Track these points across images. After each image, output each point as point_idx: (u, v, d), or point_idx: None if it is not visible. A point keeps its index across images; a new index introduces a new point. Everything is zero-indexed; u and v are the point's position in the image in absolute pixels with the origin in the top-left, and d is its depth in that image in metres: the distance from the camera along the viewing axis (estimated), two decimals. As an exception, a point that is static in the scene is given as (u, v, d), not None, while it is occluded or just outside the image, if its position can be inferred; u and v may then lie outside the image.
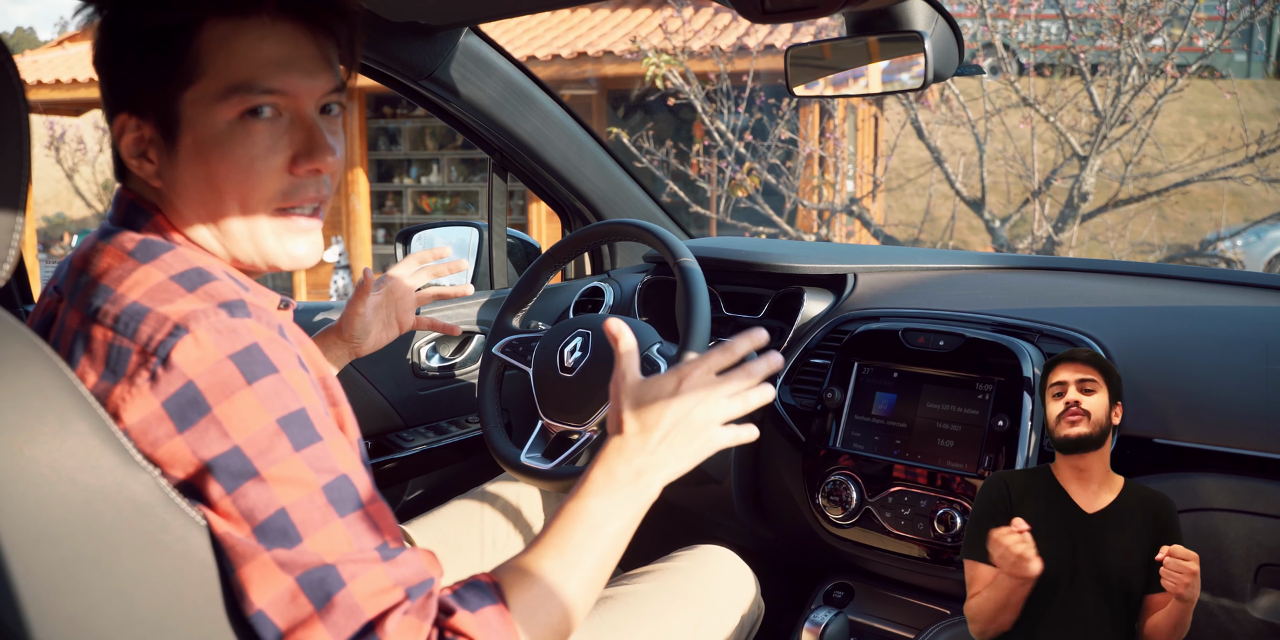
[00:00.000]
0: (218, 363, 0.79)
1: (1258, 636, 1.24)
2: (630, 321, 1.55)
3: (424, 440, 1.85)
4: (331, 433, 0.84)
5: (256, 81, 0.87)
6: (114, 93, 0.89)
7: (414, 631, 0.80)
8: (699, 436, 0.95)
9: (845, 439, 1.52)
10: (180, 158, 0.88)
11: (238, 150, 0.88)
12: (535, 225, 9.19)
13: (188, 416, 0.78)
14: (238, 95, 0.86)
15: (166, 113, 0.87)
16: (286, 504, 0.79)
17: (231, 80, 0.86)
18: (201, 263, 0.87)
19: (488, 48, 1.86)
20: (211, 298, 0.83)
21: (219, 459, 0.78)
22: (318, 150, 0.90)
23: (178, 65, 0.86)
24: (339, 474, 0.82)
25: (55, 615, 0.73)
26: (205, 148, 0.87)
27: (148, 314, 0.81)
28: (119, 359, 0.80)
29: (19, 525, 0.72)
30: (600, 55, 8.29)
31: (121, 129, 0.89)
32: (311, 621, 0.78)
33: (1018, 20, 5.87)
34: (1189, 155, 6.53)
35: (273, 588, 0.78)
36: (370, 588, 0.80)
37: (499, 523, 1.53)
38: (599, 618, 1.26)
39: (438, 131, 9.99)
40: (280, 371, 0.82)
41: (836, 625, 1.46)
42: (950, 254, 2.07)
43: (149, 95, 0.87)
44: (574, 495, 0.92)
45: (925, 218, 7.88)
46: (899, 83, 1.48)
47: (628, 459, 0.93)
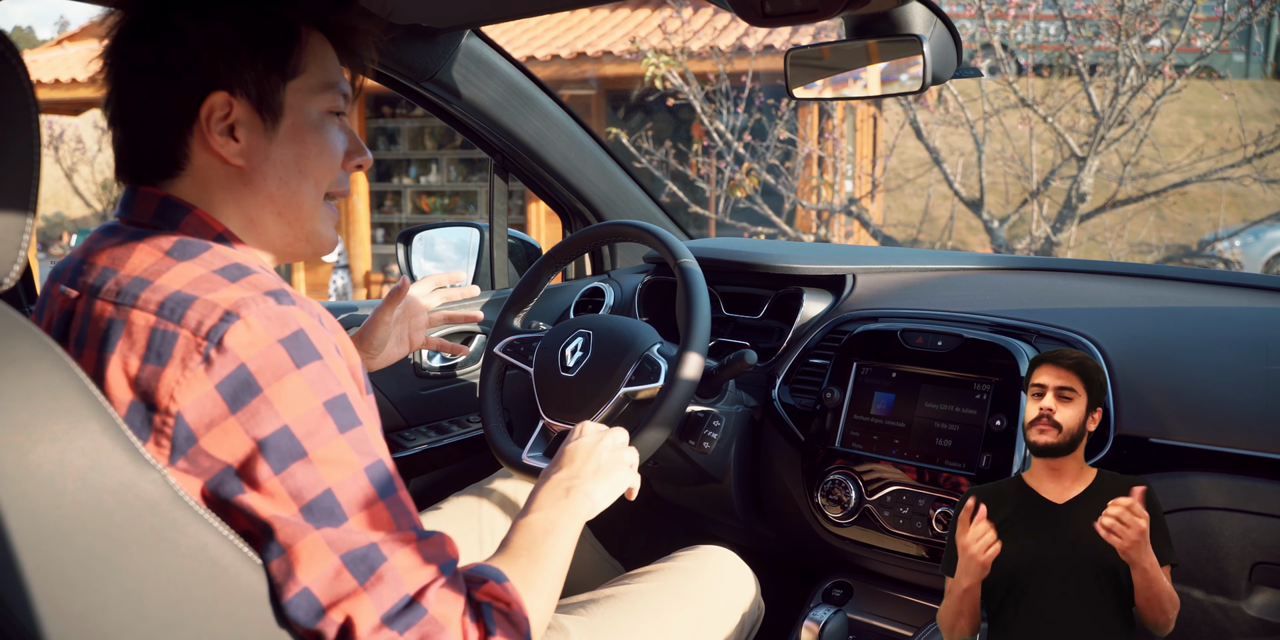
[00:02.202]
0: (269, 346, 0.83)
1: (1252, 634, 1.25)
2: (631, 322, 1.56)
3: (425, 439, 1.86)
4: (369, 418, 0.90)
5: (339, 83, 1.02)
6: (212, 73, 0.94)
7: (453, 602, 0.87)
8: (614, 471, 1.19)
9: (844, 438, 1.53)
10: (278, 139, 0.98)
11: (326, 138, 1.01)
12: (534, 225, 9.20)
13: (240, 397, 0.82)
14: (331, 92, 1.00)
15: (271, 98, 0.96)
16: (332, 484, 0.84)
17: (327, 79, 1.00)
18: (240, 259, 0.91)
19: (489, 50, 1.87)
20: (256, 287, 0.87)
21: (270, 438, 0.82)
22: (362, 150, 1.06)
23: (288, 59, 0.97)
24: (377, 458, 0.88)
25: (66, 612, 0.74)
26: (303, 132, 0.99)
27: (195, 301, 0.84)
28: (164, 342, 0.83)
29: (30, 523, 0.72)
30: (600, 56, 8.30)
31: (211, 108, 0.94)
32: (356, 594, 0.84)
33: (1016, 21, 5.87)
34: (1187, 156, 6.54)
35: (318, 566, 0.83)
36: (410, 563, 0.86)
37: (497, 519, 1.55)
38: (601, 617, 1.27)
39: (437, 131, 10.00)
40: (324, 358, 0.86)
41: (835, 623, 1.47)
42: (948, 255, 2.08)
43: (257, 80, 0.95)
44: (523, 511, 1.10)
45: (924, 218, 7.89)
46: (898, 85, 1.49)
47: (558, 480, 1.15)
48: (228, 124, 0.95)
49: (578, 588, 1.44)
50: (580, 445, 1.20)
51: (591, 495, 1.14)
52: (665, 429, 1.38)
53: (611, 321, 1.56)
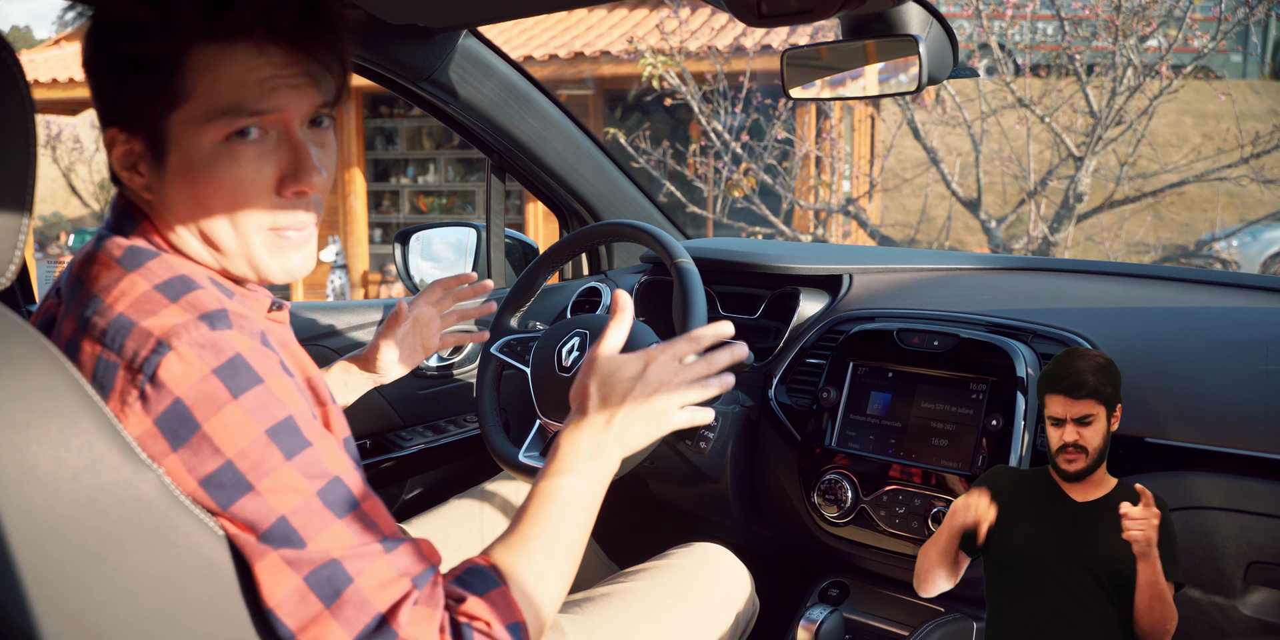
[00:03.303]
0: (202, 378, 0.80)
1: (1248, 633, 1.25)
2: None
3: (422, 439, 1.86)
4: (319, 436, 0.86)
5: (243, 104, 0.85)
6: (104, 106, 0.88)
7: (427, 621, 0.83)
8: (656, 418, 1.01)
9: (840, 438, 1.53)
10: (169, 176, 0.88)
11: (224, 173, 0.87)
12: (532, 225, 9.20)
13: (180, 434, 0.80)
14: (225, 118, 0.85)
15: (154, 131, 0.86)
16: (285, 512, 0.81)
17: (218, 104, 0.85)
18: (185, 270, 0.89)
19: (486, 50, 1.87)
20: (194, 308, 0.84)
21: (214, 476, 0.80)
22: (304, 172, 0.89)
23: (164, 87, 0.84)
24: (331, 477, 0.84)
25: (61, 611, 0.74)
26: (192, 169, 0.87)
27: (133, 328, 0.82)
28: (106, 373, 0.82)
29: (25, 522, 0.72)
30: (597, 56, 8.30)
31: (112, 141, 0.89)
32: (323, 618, 0.81)
33: (1013, 21, 5.88)
34: (1184, 156, 6.55)
35: (282, 587, 0.81)
36: (377, 580, 0.82)
37: (498, 521, 1.55)
38: (596, 615, 1.27)
39: (435, 131, 9.99)
40: (265, 381, 0.83)
41: (831, 623, 1.47)
42: (945, 255, 2.08)
43: (137, 113, 0.86)
44: (544, 474, 0.98)
45: (921, 218, 7.90)
46: (894, 85, 1.50)
47: (588, 435, 0.99)
48: (132, 159, 0.89)
49: (573, 586, 1.44)
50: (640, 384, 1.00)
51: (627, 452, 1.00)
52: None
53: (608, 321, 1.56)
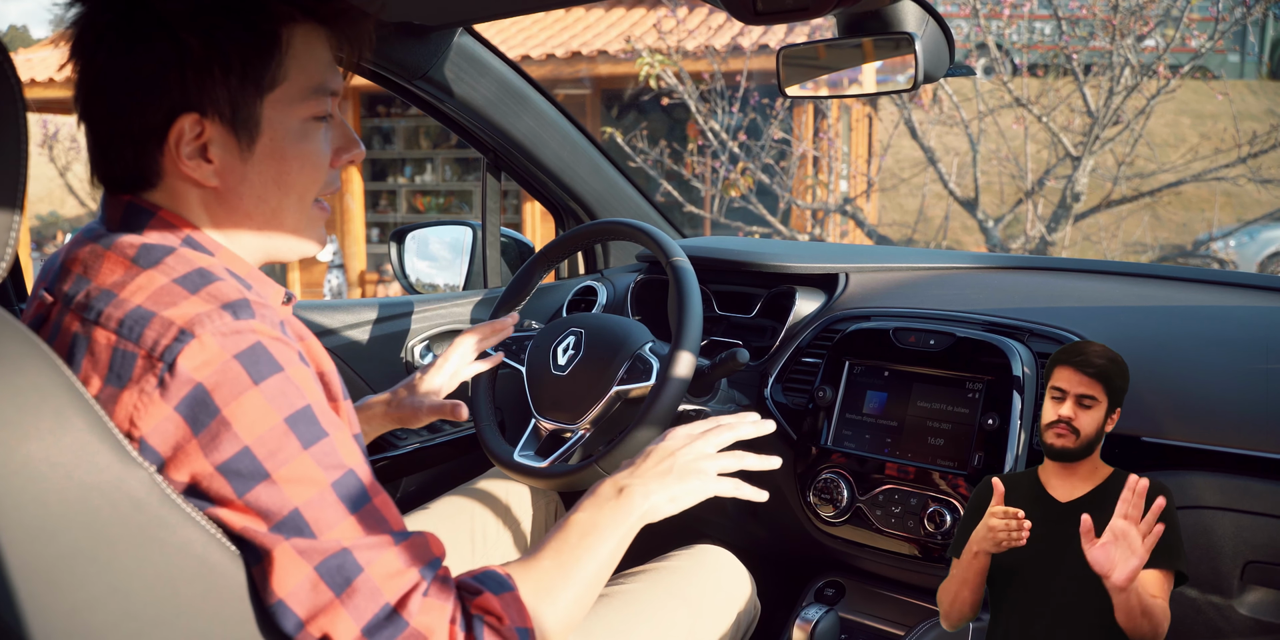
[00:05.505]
0: (224, 364, 0.81)
1: (1245, 632, 1.25)
2: (623, 320, 1.55)
3: (417, 438, 1.86)
4: (335, 426, 0.87)
5: (326, 84, 0.94)
6: (181, 93, 0.87)
7: (438, 611, 0.85)
8: (689, 477, 1.11)
9: (836, 437, 1.53)
10: (256, 157, 0.91)
11: (311, 149, 0.94)
12: (530, 225, 9.20)
13: (199, 418, 0.80)
14: (315, 97, 0.93)
15: (246, 115, 0.89)
16: (299, 503, 0.82)
17: (310, 84, 0.92)
18: (203, 263, 0.88)
19: (482, 48, 1.86)
20: (215, 299, 0.84)
21: (231, 462, 0.80)
22: (354, 143, 1.00)
23: (266, 71, 0.89)
24: (345, 469, 0.85)
25: (52, 610, 0.74)
26: (282, 147, 0.92)
27: (152, 318, 0.82)
28: (124, 363, 0.81)
29: (16, 521, 0.72)
30: (594, 55, 8.29)
31: (181, 130, 0.88)
32: (333, 607, 0.82)
33: (1011, 21, 5.88)
34: (1182, 156, 6.56)
35: (293, 577, 0.81)
36: (387, 570, 0.84)
37: (489, 519, 1.54)
38: (596, 617, 1.26)
39: (432, 131, 9.98)
40: (285, 369, 0.84)
41: (827, 622, 1.47)
42: (941, 254, 2.08)
43: (230, 98, 0.88)
44: (571, 509, 1.06)
45: (919, 218, 7.91)
46: (891, 83, 1.50)
47: (616, 479, 1.09)
48: (199, 145, 0.89)
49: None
50: (660, 447, 1.14)
51: (650, 496, 1.07)
52: (657, 428, 1.38)
53: (604, 320, 1.56)
